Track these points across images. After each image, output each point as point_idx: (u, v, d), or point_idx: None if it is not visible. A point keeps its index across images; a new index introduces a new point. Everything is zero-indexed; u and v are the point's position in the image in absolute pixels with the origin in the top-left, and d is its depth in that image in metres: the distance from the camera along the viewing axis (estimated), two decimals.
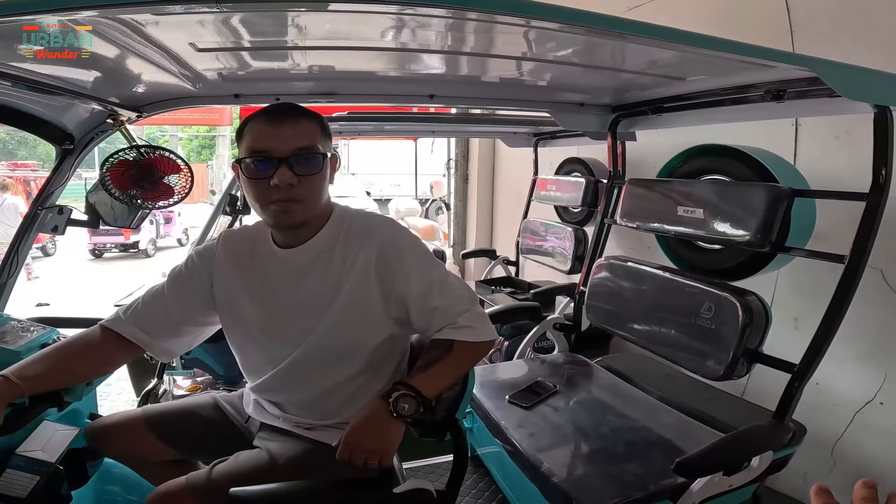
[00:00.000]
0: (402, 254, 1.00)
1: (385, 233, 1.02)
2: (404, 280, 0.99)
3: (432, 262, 1.04)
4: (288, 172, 0.92)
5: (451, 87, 1.65)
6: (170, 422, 1.13)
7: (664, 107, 1.63)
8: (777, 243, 1.31)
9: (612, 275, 1.73)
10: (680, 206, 1.54)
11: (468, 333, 1.00)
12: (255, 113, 0.97)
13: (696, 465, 1.02)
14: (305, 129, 0.95)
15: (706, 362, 1.32)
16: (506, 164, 4.35)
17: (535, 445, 1.32)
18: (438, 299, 1.00)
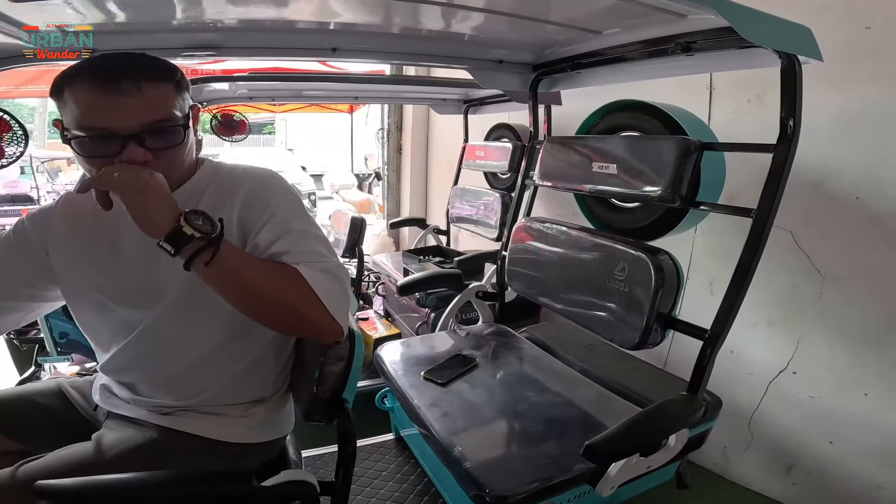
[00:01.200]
0: (268, 201, 0.87)
1: (253, 182, 0.90)
2: (262, 228, 0.86)
3: (296, 214, 0.89)
4: (139, 150, 0.77)
5: (356, 41, 1.49)
6: (7, 411, 0.96)
7: (582, 63, 1.54)
8: (687, 198, 1.27)
9: (530, 238, 1.65)
10: (595, 162, 1.47)
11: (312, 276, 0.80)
12: (79, 69, 0.77)
13: (606, 449, 0.95)
14: (155, 97, 0.78)
15: (621, 330, 1.27)
16: (440, 134, 4.23)
17: (449, 426, 1.23)
18: (287, 245, 0.84)
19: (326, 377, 0.93)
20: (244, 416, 0.95)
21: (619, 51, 1.38)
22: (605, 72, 1.52)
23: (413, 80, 2.69)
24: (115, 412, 0.96)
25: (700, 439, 1.30)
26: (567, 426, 1.26)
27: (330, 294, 0.81)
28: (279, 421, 1.01)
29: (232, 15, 1.20)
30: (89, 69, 0.76)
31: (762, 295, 1.79)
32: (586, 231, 1.48)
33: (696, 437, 1.26)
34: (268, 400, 0.99)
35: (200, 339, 0.90)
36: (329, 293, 0.81)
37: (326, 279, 0.82)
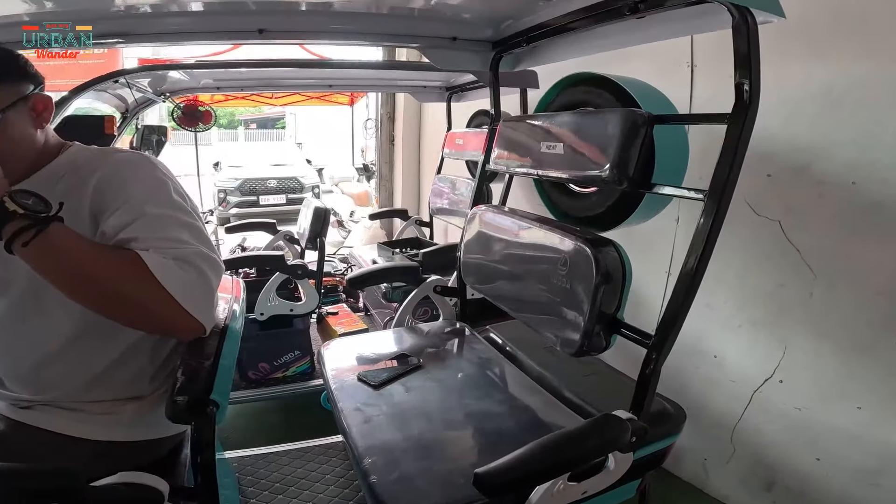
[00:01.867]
0: (123, 184, 0.80)
1: (110, 165, 0.83)
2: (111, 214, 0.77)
3: (154, 199, 0.80)
4: None
5: (287, 21, 1.38)
6: None
7: (537, 35, 1.40)
8: (637, 180, 1.11)
9: (481, 227, 1.51)
10: (543, 141, 1.32)
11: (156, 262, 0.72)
12: None
13: (497, 482, 0.78)
14: None
15: (563, 332, 1.11)
16: (432, 124, 4.11)
17: (366, 434, 1.11)
18: (137, 231, 0.75)
19: (192, 377, 0.82)
20: (108, 414, 0.88)
21: (569, 19, 1.24)
22: (561, 45, 1.39)
23: (389, 65, 2.56)
24: None
25: (660, 456, 1.14)
26: (499, 441, 1.11)
27: (182, 284, 0.73)
28: (154, 422, 0.92)
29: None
30: None
31: (747, 293, 1.63)
32: (534, 220, 1.32)
33: (656, 454, 1.11)
34: (146, 398, 0.92)
35: (53, 332, 0.84)
36: (181, 283, 0.73)
37: (177, 267, 0.73)
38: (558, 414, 1.21)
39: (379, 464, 1.02)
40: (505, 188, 1.74)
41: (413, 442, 1.12)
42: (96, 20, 1.22)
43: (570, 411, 1.21)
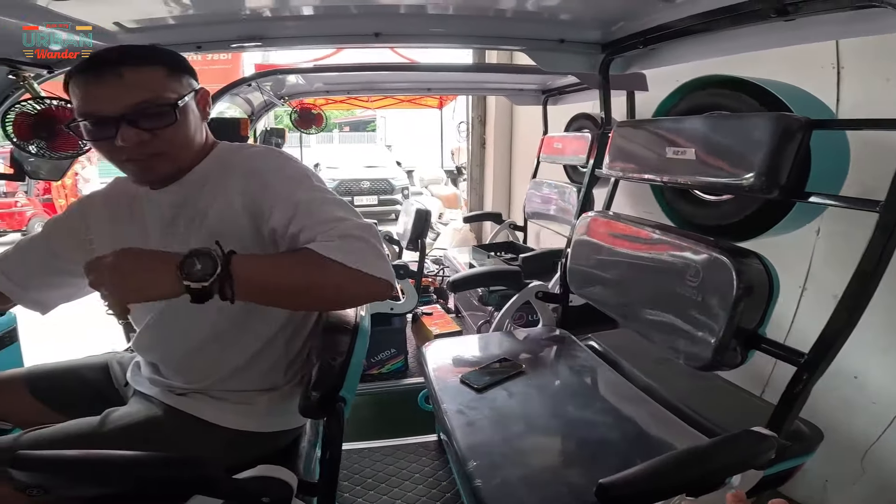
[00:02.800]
0: (267, 178, 0.85)
1: (253, 161, 0.89)
2: (271, 209, 0.83)
3: (303, 185, 0.85)
4: (132, 131, 0.80)
5: (399, 24, 1.43)
6: (53, 382, 1.03)
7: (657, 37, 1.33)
8: (789, 188, 0.99)
9: (594, 234, 1.45)
10: (669, 146, 1.23)
11: (323, 246, 0.76)
12: (75, 67, 0.82)
13: (623, 494, 0.74)
14: (137, 81, 0.80)
15: (689, 346, 1.04)
16: (523, 127, 4.07)
17: (470, 437, 1.11)
18: (301, 221, 0.80)
19: (324, 372, 0.86)
20: (247, 404, 0.93)
21: (698, 20, 1.16)
22: (687, 46, 1.31)
23: (486, 68, 2.57)
24: (139, 389, 0.99)
25: (785, 476, 1.05)
26: (604, 451, 1.07)
27: (356, 255, 0.76)
28: (283, 413, 0.97)
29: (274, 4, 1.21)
30: (84, 62, 0.81)
31: None
32: (657, 228, 1.25)
33: (780, 474, 1.02)
34: (279, 389, 0.97)
35: (204, 325, 0.90)
36: (355, 255, 0.76)
37: (346, 244, 0.77)
38: (671, 427, 1.14)
39: (482, 467, 1.01)
40: (609, 194, 1.66)
41: (516, 448, 1.11)
42: (226, 23, 1.33)
43: (685, 425, 1.14)
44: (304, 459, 1.01)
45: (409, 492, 1.49)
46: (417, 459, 1.67)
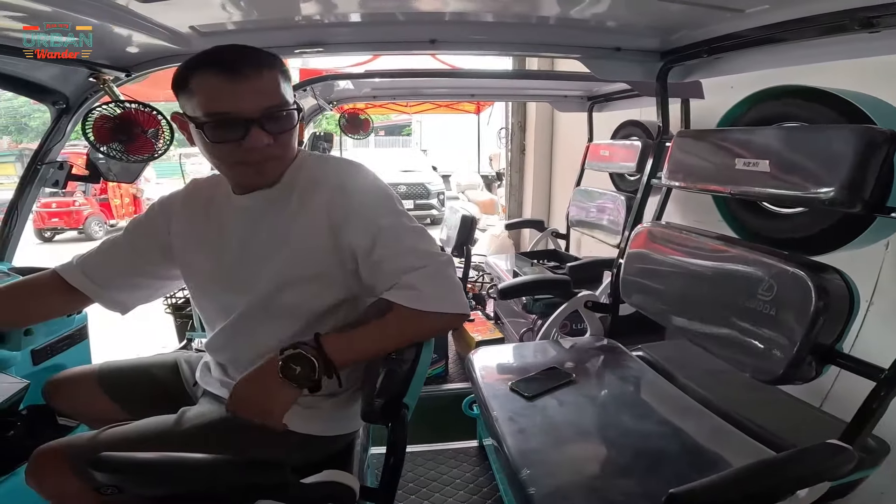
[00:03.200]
0: (353, 197, 0.86)
1: (338, 177, 0.89)
2: (353, 227, 0.85)
3: (386, 209, 0.87)
4: (261, 133, 0.81)
5: (455, 31, 1.45)
6: (122, 380, 1.06)
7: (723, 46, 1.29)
8: (872, 203, 0.95)
9: (651, 245, 1.42)
10: (739, 158, 1.20)
11: (409, 296, 0.81)
12: (200, 60, 0.80)
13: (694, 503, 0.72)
14: (271, 82, 0.82)
15: (759, 360, 1.01)
16: (564, 133, 4.02)
17: (522, 444, 1.10)
18: (382, 250, 0.83)
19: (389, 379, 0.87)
20: (312, 408, 0.94)
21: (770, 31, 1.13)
22: (755, 56, 1.28)
23: (531, 75, 2.56)
24: (208, 389, 1.00)
25: (846, 489, 1.02)
26: (661, 462, 1.04)
27: (442, 299, 0.83)
28: (345, 418, 0.99)
29: (334, 10, 1.24)
30: (211, 59, 0.80)
31: None
32: (723, 240, 1.23)
33: (841, 487, 0.99)
34: (340, 395, 0.97)
35: (276, 332, 0.91)
36: (441, 299, 0.83)
37: (424, 280, 0.82)
38: (730, 439, 1.12)
39: (536, 475, 1.01)
40: (661, 203, 1.62)
41: (569, 456, 1.11)
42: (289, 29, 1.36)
43: (746, 437, 1.12)
44: (357, 463, 1.02)
45: (451, 497, 1.50)
46: (458, 465, 1.67)
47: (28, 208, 1.49)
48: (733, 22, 1.21)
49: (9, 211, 1.45)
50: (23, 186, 1.46)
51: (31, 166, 1.45)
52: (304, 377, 0.78)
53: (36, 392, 1.07)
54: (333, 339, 0.81)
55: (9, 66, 1.26)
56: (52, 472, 0.82)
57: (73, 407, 1.07)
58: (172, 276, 1.03)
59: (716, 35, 1.30)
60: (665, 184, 1.49)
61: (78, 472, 0.80)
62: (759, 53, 1.26)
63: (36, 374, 1.17)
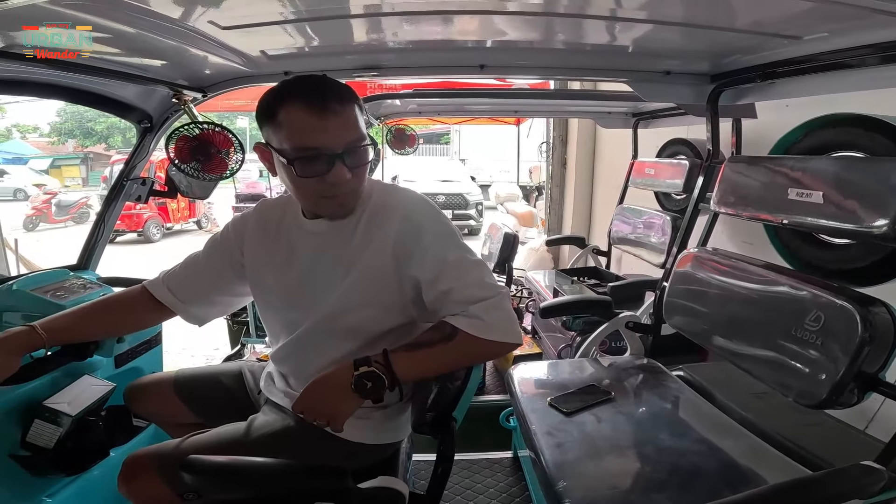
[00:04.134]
0: (420, 232, 0.91)
1: (405, 210, 0.94)
2: (419, 260, 0.90)
3: (451, 243, 0.93)
4: (343, 169, 0.86)
5: (504, 56, 1.50)
6: (195, 386, 1.15)
7: (777, 72, 1.29)
8: None
9: (697, 270, 1.43)
10: (792, 188, 1.20)
11: (475, 325, 0.87)
12: (288, 93, 0.85)
13: None
14: (352, 117, 0.87)
15: (803, 384, 1.04)
16: (608, 148, 3.99)
17: (559, 458, 1.14)
18: (450, 282, 0.88)
19: (442, 394, 0.94)
20: (365, 419, 0.99)
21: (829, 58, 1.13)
22: (811, 82, 1.26)
23: (576, 95, 2.58)
24: (271, 399, 1.07)
25: None
26: (696, 478, 1.06)
27: (502, 329, 0.89)
28: (395, 427, 1.04)
29: (390, 37, 1.31)
30: (299, 93, 0.84)
31: None
32: (773, 269, 1.23)
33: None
34: (390, 407, 1.02)
35: (336, 348, 0.97)
36: (500, 329, 0.88)
37: (489, 312, 0.88)
38: (769, 459, 1.13)
39: (571, 488, 1.04)
40: (708, 227, 1.61)
41: (605, 470, 1.14)
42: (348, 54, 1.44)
43: (785, 457, 1.14)
44: (402, 469, 1.08)
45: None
46: (493, 475, 1.72)
47: (113, 221, 1.61)
48: (789, 48, 1.21)
49: (96, 223, 1.58)
50: (109, 201, 1.58)
51: (118, 182, 1.56)
52: (374, 392, 0.84)
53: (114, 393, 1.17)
54: (402, 357, 0.86)
55: (99, 86, 1.39)
56: (142, 478, 0.90)
57: (149, 409, 1.16)
58: (244, 292, 1.10)
59: (770, 60, 1.30)
60: (714, 209, 1.49)
61: (165, 477, 0.89)
62: (816, 79, 1.25)
63: (116, 377, 1.26)
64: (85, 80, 1.32)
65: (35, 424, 1.03)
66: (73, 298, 1.20)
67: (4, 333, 0.90)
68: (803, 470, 1.06)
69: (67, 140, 21.14)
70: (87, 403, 1.08)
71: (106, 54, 1.20)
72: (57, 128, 21.28)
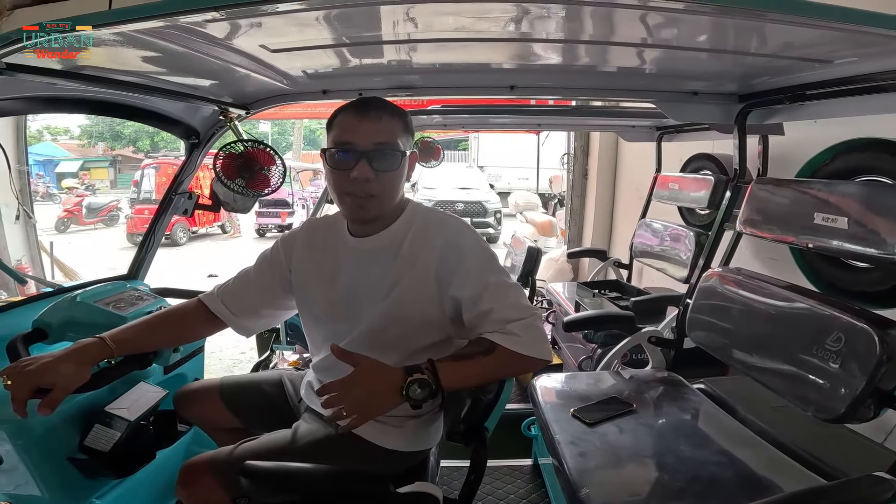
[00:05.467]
0: (462, 256, 0.97)
1: (449, 234, 1.01)
2: (461, 282, 0.96)
3: (491, 267, 0.99)
4: (366, 167, 0.94)
5: (533, 77, 1.55)
6: (238, 393, 1.22)
7: (807, 94, 1.31)
8: None
9: (723, 288, 1.47)
10: (818, 212, 1.23)
11: (512, 341, 0.92)
12: (347, 104, 1.00)
13: None
14: (387, 125, 0.97)
15: (822, 399, 1.09)
16: (630, 160, 3.99)
17: (582, 466, 1.19)
18: (490, 303, 0.95)
19: (475, 405, 0.99)
20: (399, 427, 1.05)
21: (860, 81, 1.15)
22: (841, 104, 1.28)
23: (598, 112, 2.60)
24: (312, 407, 1.13)
25: None
26: (715, 487, 1.11)
27: (536, 346, 0.94)
28: (426, 435, 1.10)
29: (424, 59, 1.37)
30: (353, 102, 0.99)
31: None
32: (797, 291, 1.27)
33: None
34: (423, 416, 1.08)
35: (385, 361, 1.00)
36: (535, 346, 0.94)
37: (526, 330, 0.93)
38: (786, 470, 1.18)
39: (594, 495, 1.09)
40: (732, 245, 1.64)
41: (625, 479, 1.19)
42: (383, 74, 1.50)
43: (802, 468, 1.18)
44: (432, 474, 1.14)
45: None
46: (513, 481, 1.77)
47: (162, 233, 1.68)
48: (820, 71, 1.22)
49: (146, 236, 1.66)
50: (159, 215, 1.65)
51: (167, 196, 1.64)
52: (420, 398, 0.87)
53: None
54: (447, 367, 0.90)
55: (151, 103, 1.48)
56: (200, 483, 0.97)
57: (196, 414, 1.24)
58: (290, 306, 1.17)
59: (800, 82, 1.32)
60: (740, 229, 1.52)
61: (220, 481, 0.95)
62: (846, 102, 1.27)
63: (164, 383, 1.31)
64: (138, 98, 1.41)
65: (95, 429, 1.09)
66: (133, 310, 1.27)
67: (78, 345, 0.96)
68: (820, 481, 1.10)
69: (97, 143, 21.79)
70: (144, 409, 1.14)
71: (162, 74, 1.29)
72: (87, 131, 21.91)
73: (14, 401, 0.86)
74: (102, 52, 1.05)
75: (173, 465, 1.42)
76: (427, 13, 0.96)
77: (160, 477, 1.33)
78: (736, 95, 1.57)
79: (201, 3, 0.75)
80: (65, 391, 0.89)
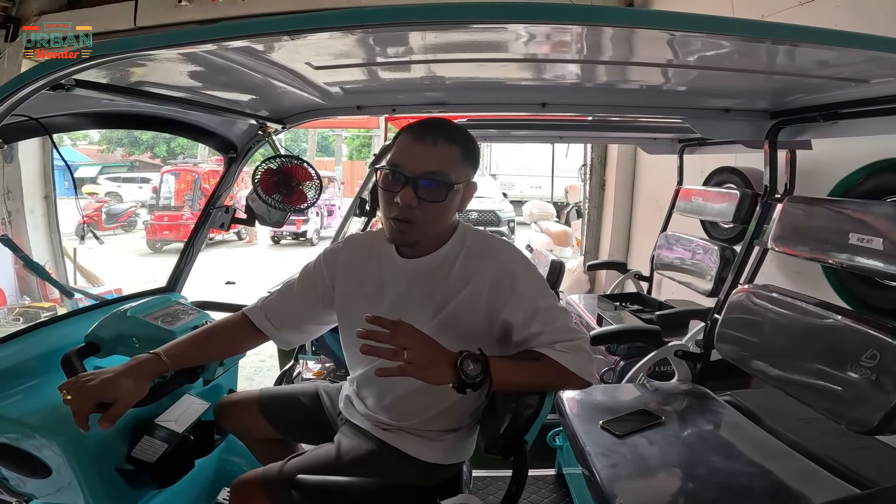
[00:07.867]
0: (515, 281, 0.98)
1: (502, 259, 1.02)
2: (513, 305, 0.97)
3: (542, 292, 1.01)
4: (410, 194, 0.94)
5: (564, 95, 1.56)
6: (276, 404, 1.25)
7: (841, 113, 1.32)
8: None
9: (754, 305, 1.48)
10: (853, 232, 1.25)
11: (562, 357, 0.94)
12: (412, 125, 0.98)
13: None
14: (441, 152, 0.95)
15: (856, 412, 1.12)
16: (648, 172, 3.99)
17: (614, 476, 1.21)
18: (541, 326, 0.96)
19: (516, 419, 1.01)
20: (438, 441, 1.08)
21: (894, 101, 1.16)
22: (875, 123, 1.29)
23: (620, 126, 2.61)
24: (351, 420, 1.15)
25: None
26: (745, 497, 1.13)
27: (583, 366, 0.95)
28: (464, 448, 1.13)
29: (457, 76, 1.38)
30: (415, 123, 0.97)
31: None
32: (831, 308, 1.28)
33: None
34: (461, 430, 1.11)
35: None
36: (582, 365, 0.95)
37: (578, 357, 0.95)
38: (819, 480, 1.18)
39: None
40: (757, 261, 1.65)
41: (659, 489, 1.21)
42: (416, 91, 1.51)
43: (834, 478, 1.18)
44: (466, 484, 1.16)
45: None
46: (537, 491, 1.78)
47: (200, 247, 1.72)
48: (854, 90, 1.22)
49: (184, 248, 1.69)
50: (197, 229, 1.68)
51: (206, 210, 1.68)
52: (470, 376, 0.87)
53: None
54: (497, 361, 0.91)
55: (192, 117, 1.51)
56: (253, 499, 1.00)
57: (236, 425, 1.27)
58: (331, 321, 1.17)
59: (835, 101, 1.31)
60: (771, 247, 1.53)
61: (270, 496, 0.99)
62: (883, 121, 1.27)
63: (203, 394, 1.33)
64: (180, 112, 1.43)
65: (143, 440, 1.11)
66: (180, 325, 1.30)
67: (136, 360, 0.97)
68: (854, 490, 1.10)
69: (115, 148, 22.17)
70: (190, 421, 1.17)
71: (205, 88, 1.32)
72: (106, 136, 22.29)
73: (76, 415, 0.87)
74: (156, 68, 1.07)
75: (208, 472, 1.46)
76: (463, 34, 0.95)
77: (196, 485, 1.37)
78: (768, 112, 1.56)
79: (275, 27, 0.78)
80: (126, 406, 0.90)
